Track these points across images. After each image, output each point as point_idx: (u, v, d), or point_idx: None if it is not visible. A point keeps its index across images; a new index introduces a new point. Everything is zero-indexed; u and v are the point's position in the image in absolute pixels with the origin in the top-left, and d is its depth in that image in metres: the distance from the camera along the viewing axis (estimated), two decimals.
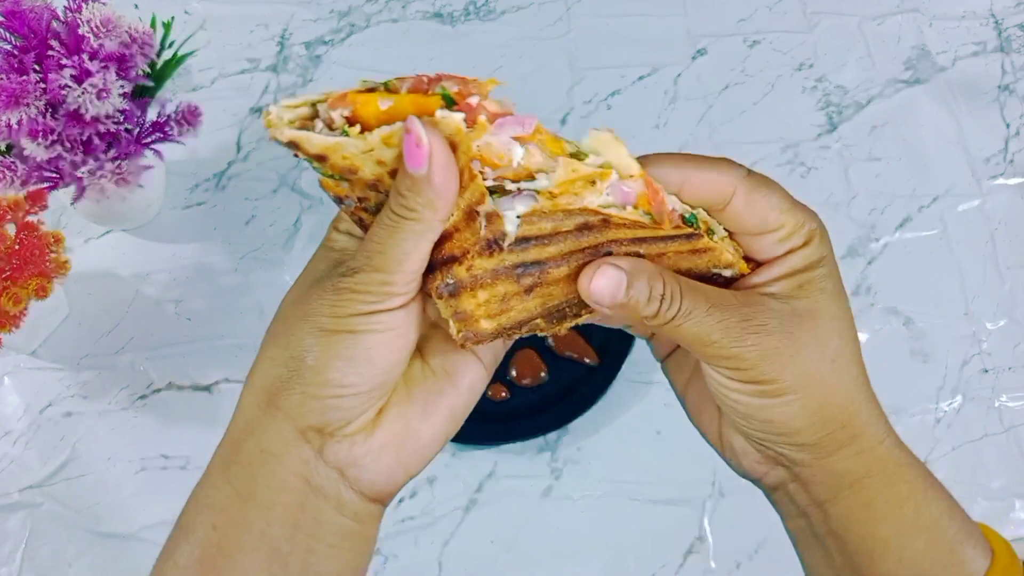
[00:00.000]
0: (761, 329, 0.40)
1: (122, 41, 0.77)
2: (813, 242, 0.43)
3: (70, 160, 0.77)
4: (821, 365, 0.41)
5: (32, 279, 0.77)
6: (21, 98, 0.73)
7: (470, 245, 0.38)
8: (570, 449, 0.88)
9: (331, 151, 0.38)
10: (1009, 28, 1.18)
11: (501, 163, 0.37)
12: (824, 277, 0.42)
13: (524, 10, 1.15)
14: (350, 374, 0.39)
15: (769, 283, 0.42)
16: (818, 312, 0.42)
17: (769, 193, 0.42)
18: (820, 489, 0.44)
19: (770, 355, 0.41)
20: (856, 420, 0.43)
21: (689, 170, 0.41)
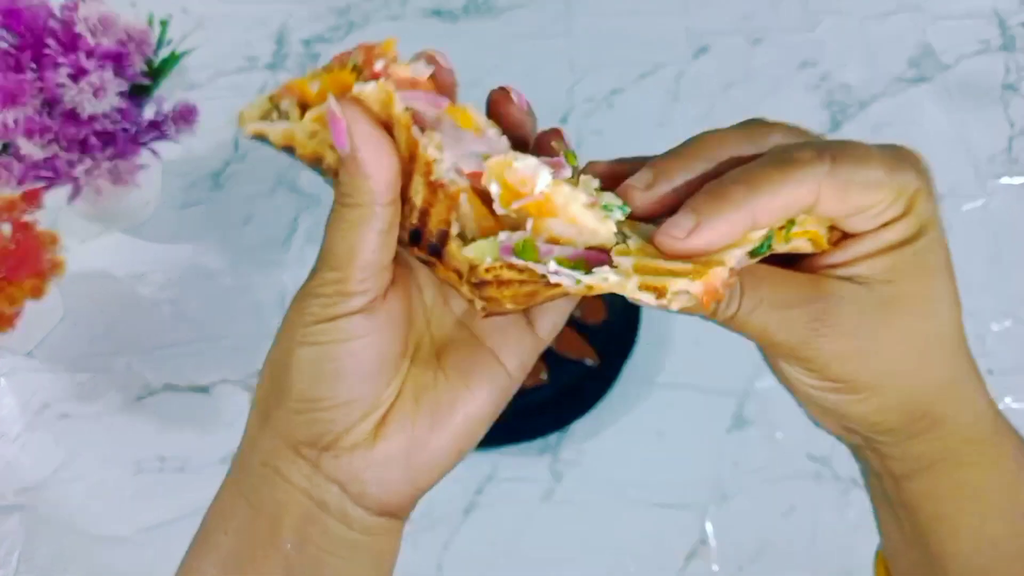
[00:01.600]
0: (833, 329, 0.35)
1: (119, 39, 0.77)
2: (915, 207, 0.35)
3: (66, 159, 0.77)
4: (907, 360, 0.37)
5: (27, 279, 0.77)
6: (17, 96, 0.73)
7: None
8: (571, 451, 0.87)
9: (289, 139, 0.37)
10: (1013, 27, 1.17)
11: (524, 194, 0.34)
12: (922, 251, 0.36)
13: (524, 8, 1.14)
14: (321, 388, 0.36)
15: (855, 262, 0.35)
16: (910, 298, 0.36)
17: (861, 175, 0.34)
18: (896, 464, 0.40)
19: (844, 356, 0.36)
20: (942, 408, 0.38)
21: (760, 200, 0.33)
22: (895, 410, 0.37)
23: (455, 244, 0.35)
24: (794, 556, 0.84)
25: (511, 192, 0.33)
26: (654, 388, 0.90)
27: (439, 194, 0.35)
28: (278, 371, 0.37)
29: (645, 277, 0.31)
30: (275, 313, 0.92)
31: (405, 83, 0.36)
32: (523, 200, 0.32)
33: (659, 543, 0.84)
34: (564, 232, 0.32)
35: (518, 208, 0.33)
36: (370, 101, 0.34)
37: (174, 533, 0.84)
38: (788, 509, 0.85)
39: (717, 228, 0.32)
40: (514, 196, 0.33)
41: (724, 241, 0.32)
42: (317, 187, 1.00)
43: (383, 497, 0.38)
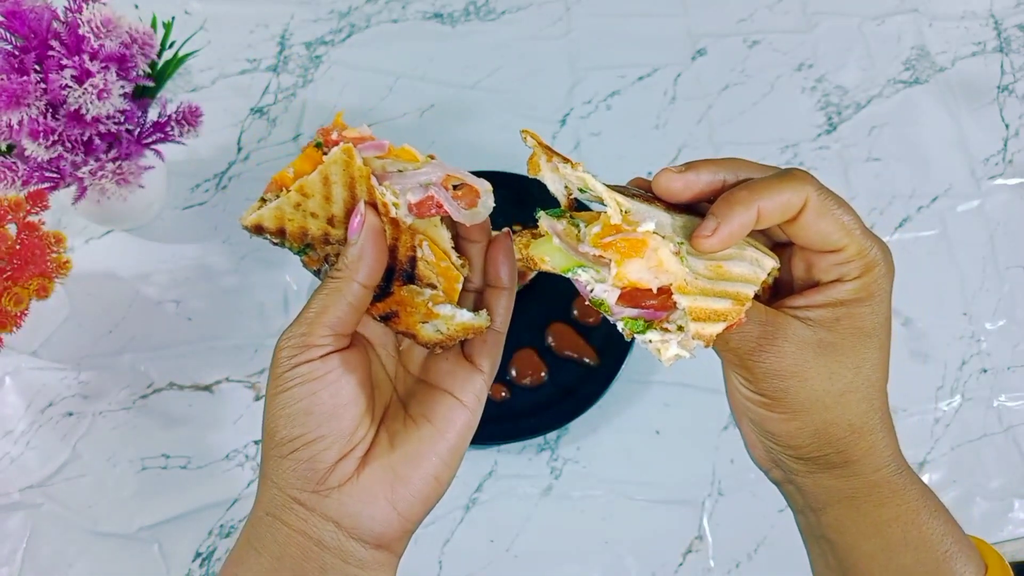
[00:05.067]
0: (774, 350, 0.42)
1: (123, 41, 0.77)
2: (867, 276, 0.43)
3: (71, 160, 0.77)
4: (827, 396, 0.43)
5: (33, 279, 0.77)
6: (22, 98, 0.73)
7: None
8: (570, 449, 0.88)
9: (279, 219, 0.46)
10: (1008, 28, 1.18)
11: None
12: (864, 315, 0.43)
13: (524, 10, 1.15)
14: (294, 427, 0.42)
15: (808, 308, 0.43)
16: (841, 348, 0.43)
17: (840, 212, 0.42)
18: (812, 498, 0.47)
19: (777, 375, 0.43)
20: (854, 449, 0.45)
21: (762, 201, 0.41)
22: (811, 437, 0.44)
23: (423, 264, 0.44)
24: (789, 552, 0.84)
25: (607, 228, 0.40)
26: (651, 387, 0.91)
27: (401, 227, 0.44)
28: (265, 424, 0.44)
29: (697, 323, 0.39)
30: (278, 313, 0.93)
31: (356, 140, 0.44)
32: (619, 236, 0.39)
33: (657, 539, 0.85)
34: (641, 274, 0.39)
35: (608, 243, 0.39)
36: (338, 164, 0.43)
37: (178, 530, 0.85)
38: (784, 505, 0.86)
39: (732, 224, 0.40)
40: (612, 231, 0.39)
41: (740, 234, 0.41)
42: None
43: (376, 529, 0.44)
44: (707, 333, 0.39)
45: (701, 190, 0.43)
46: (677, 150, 1.05)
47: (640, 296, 0.40)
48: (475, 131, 1.06)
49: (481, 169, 0.99)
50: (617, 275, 0.39)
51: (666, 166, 0.43)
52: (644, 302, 0.40)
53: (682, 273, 0.39)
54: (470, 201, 0.45)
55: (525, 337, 0.91)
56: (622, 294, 0.40)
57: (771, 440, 0.46)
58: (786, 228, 0.43)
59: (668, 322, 0.40)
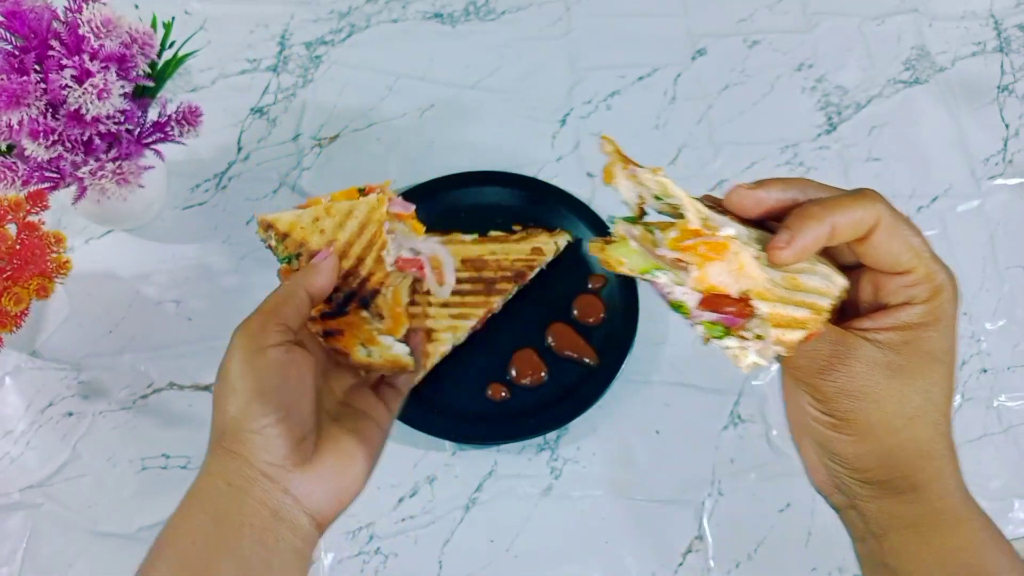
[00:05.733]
0: (845, 370, 0.43)
1: (122, 41, 0.77)
2: (935, 300, 0.43)
3: (71, 160, 0.77)
4: (896, 419, 0.43)
5: (33, 279, 0.77)
6: (22, 98, 0.73)
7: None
8: (570, 448, 0.88)
9: (293, 224, 0.57)
10: (1009, 28, 1.18)
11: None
12: (932, 339, 0.43)
13: (524, 10, 1.15)
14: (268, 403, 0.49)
15: (877, 330, 0.43)
16: (911, 371, 0.43)
17: (910, 234, 0.43)
18: (875, 524, 0.46)
19: (847, 395, 0.43)
20: (920, 474, 0.45)
21: (835, 217, 0.42)
22: (878, 461, 0.45)
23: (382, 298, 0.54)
24: (790, 552, 0.84)
25: (686, 232, 0.40)
26: (651, 387, 0.91)
27: (380, 266, 0.55)
28: (229, 400, 0.50)
29: (777, 329, 0.40)
30: None
31: (391, 198, 0.57)
32: (699, 239, 0.40)
33: (656, 539, 0.85)
34: (722, 278, 0.40)
35: (688, 246, 0.40)
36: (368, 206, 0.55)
37: None
38: (784, 506, 0.86)
39: (807, 237, 0.41)
40: (691, 235, 0.40)
41: (814, 248, 0.42)
42: (320, 188, 1.01)
43: (324, 510, 0.51)
44: (788, 339, 0.40)
45: (771, 206, 0.44)
46: (677, 150, 1.05)
47: (719, 301, 0.40)
48: (475, 131, 1.06)
49: (480, 169, 0.99)
50: (698, 278, 0.40)
51: (738, 183, 0.44)
52: (723, 307, 0.40)
53: (763, 278, 0.39)
54: (439, 278, 0.58)
55: (525, 337, 0.91)
56: (701, 299, 0.40)
57: (837, 463, 0.46)
58: (857, 247, 0.43)
59: (745, 329, 0.40)
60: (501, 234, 0.96)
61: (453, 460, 0.87)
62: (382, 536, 0.84)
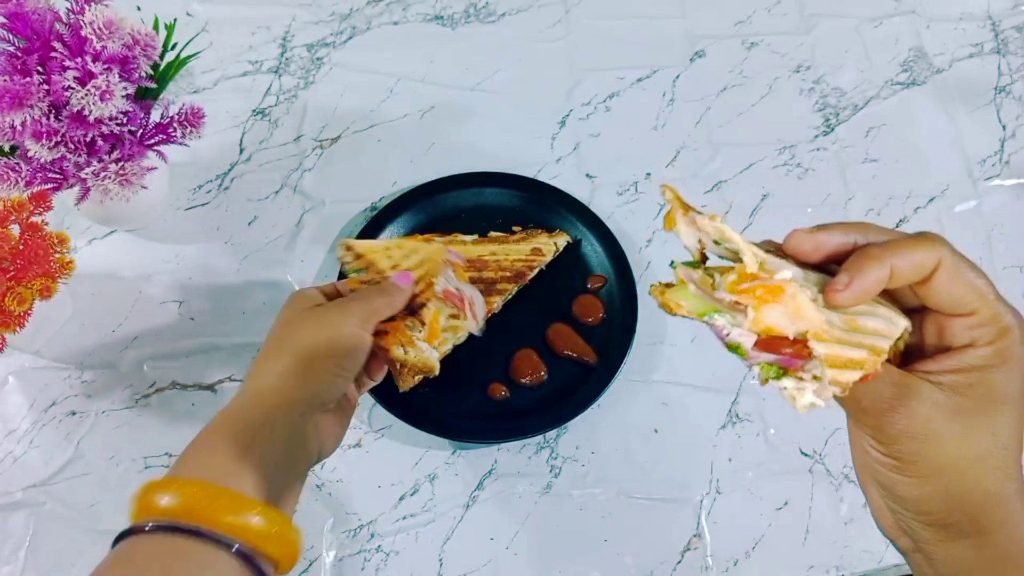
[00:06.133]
0: (906, 411, 0.42)
1: (125, 43, 0.77)
2: (1001, 342, 0.43)
3: (74, 161, 0.78)
4: (961, 462, 0.43)
5: (36, 279, 0.78)
6: (25, 100, 0.73)
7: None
8: (569, 447, 0.89)
9: (368, 250, 0.77)
10: (1006, 30, 1.19)
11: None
12: (998, 382, 0.43)
13: (524, 12, 1.16)
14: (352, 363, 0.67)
15: (941, 373, 0.43)
16: (976, 413, 0.42)
17: (973, 276, 0.43)
18: (941, 567, 0.46)
19: (910, 437, 0.42)
20: (988, 519, 0.44)
21: (895, 259, 0.42)
22: (942, 504, 0.44)
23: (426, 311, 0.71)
24: (787, 550, 0.85)
25: (744, 276, 0.41)
26: (650, 386, 0.92)
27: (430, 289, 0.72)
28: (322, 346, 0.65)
29: (833, 370, 0.40)
30: None
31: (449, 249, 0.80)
32: (757, 282, 0.41)
33: (655, 537, 0.85)
34: (779, 320, 0.40)
35: (745, 289, 0.41)
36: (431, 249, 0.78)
37: None
38: (782, 504, 0.87)
39: (866, 279, 0.41)
40: (748, 279, 0.41)
41: (873, 290, 0.42)
42: (320, 189, 1.01)
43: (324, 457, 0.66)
44: (844, 380, 0.40)
45: (832, 250, 0.44)
46: (675, 151, 1.06)
47: (776, 343, 0.40)
48: (475, 132, 1.06)
49: (480, 170, 1.00)
50: (755, 320, 0.40)
51: (797, 227, 0.44)
52: (780, 349, 0.41)
53: (819, 320, 0.40)
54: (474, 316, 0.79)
55: (525, 337, 0.91)
56: (758, 340, 0.41)
57: (901, 505, 0.46)
58: (918, 289, 0.43)
59: (803, 371, 0.41)
60: (501, 235, 0.96)
61: (453, 459, 0.88)
62: (383, 534, 0.84)
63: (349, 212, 1.00)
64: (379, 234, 0.95)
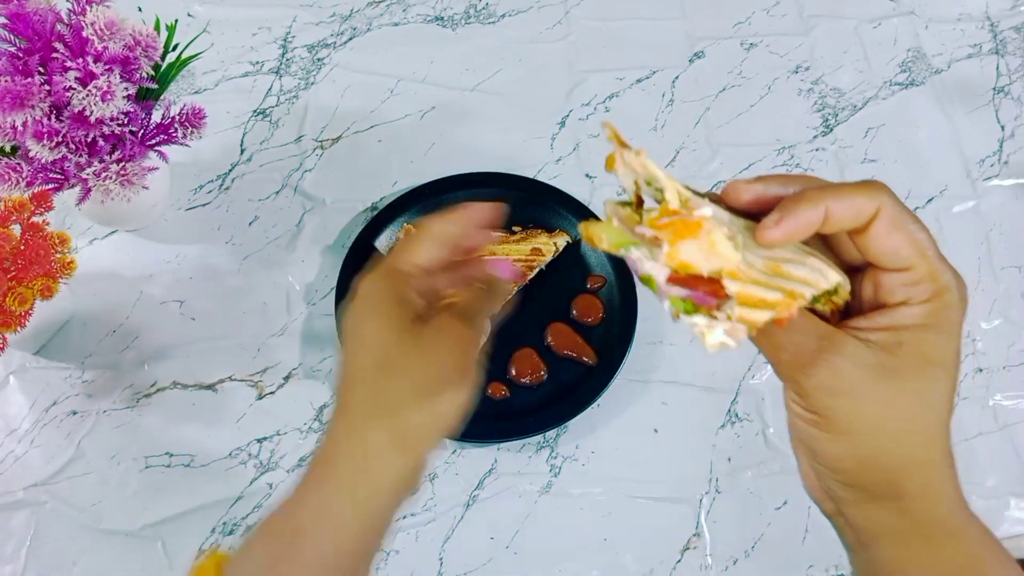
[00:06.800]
0: (827, 365, 0.40)
1: (126, 44, 0.77)
2: (936, 301, 0.40)
3: (75, 162, 0.78)
4: (882, 422, 0.41)
5: (37, 279, 0.78)
6: (26, 100, 0.74)
7: None
8: (569, 447, 0.89)
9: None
10: (1004, 30, 1.19)
11: None
12: (930, 343, 0.41)
13: (524, 13, 1.16)
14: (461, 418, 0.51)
15: (871, 330, 0.41)
16: (903, 374, 0.41)
17: (914, 229, 0.41)
18: (861, 532, 0.45)
19: (829, 392, 0.41)
20: (907, 482, 0.42)
21: (832, 201, 0.40)
22: (861, 463, 0.42)
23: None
24: (787, 549, 0.85)
25: (665, 212, 0.39)
26: (650, 385, 0.92)
27: None
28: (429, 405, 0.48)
29: (743, 308, 0.38)
30: (280, 313, 0.94)
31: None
32: (675, 217, 0.39)
33: (655, 536, 0.85)
34: (694, 256, 0.39)
35: (664, 224, 0.39)
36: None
37: (181, 528, 0.86)
38: (781, 503, 0.87)
39: (797, 218, 0.39)
40: (668, 214, 0.39)
41: (805, 231, 0.40)
42: (322, 189, 1.01)
43: None
44: (752, 319, 0.38)
45: (771, 201, 0.42)
46: (675, 152, 1.06)
47: (691, 281, 0.39)
48: (475, 133, 1.06)
49: (480, 170, 1.00)
50: (669, 254, 0.39)
51: (736, 178, 0.43)
52: (694, 286, 0.39)
53: (735, 259, 0.38)
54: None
55: (525, 337, 0.92)
56: (673, 276, 0.39)
57: (820, 462, 0.44)
58: (855, 239, 0.41)
59: (717, 310, 0.39)
60: (501, 235, 0.97)
61: (454, 458, 0.88)
62: None
63: (349, 212, 1.00)
64: (380, 234, 0.95)
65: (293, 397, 0.90)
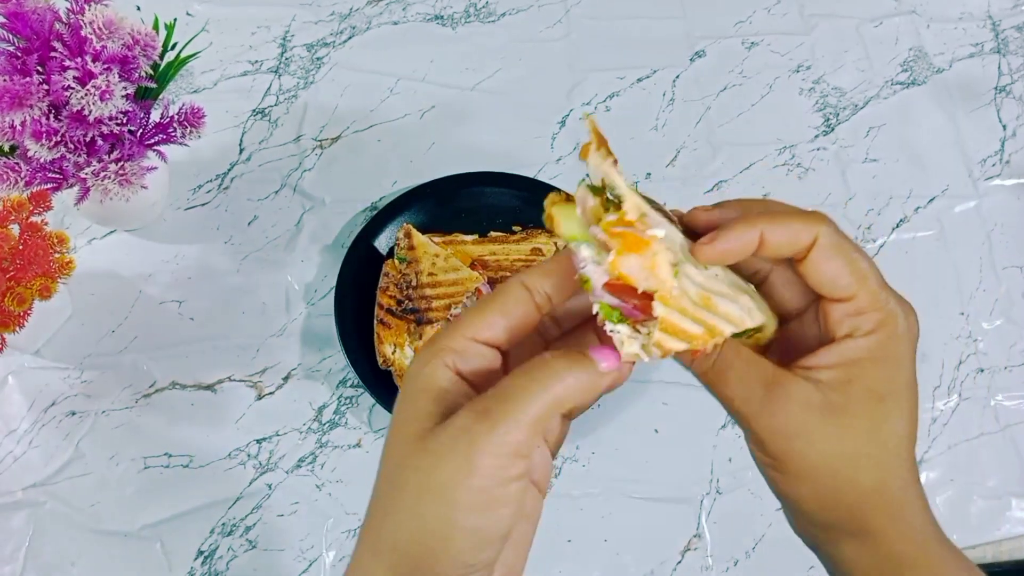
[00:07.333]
0: (777, 410, 0.40)
1: (125, 43, 0.77)
2: (881, 332, 0.40)
3: (73, 161, 0.78)
4: (835, 460, 0.40)
5: (36, 279, 0.78)
6: (24, 100, 0.73)
7: None
8: (569, 447, 0.89)
9: (422, 245, 0.85)
10: (1006, 30, 1.19)
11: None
12: (876, 378, 0.40)
13: (524, 12, 1.15)
14: (487, 551, 0.38)
15: (818, 368, 0.41)
16: (852, 411, 0.40)
17: (854, 257, 0.40)
18: (837, 567, 0.44)
19: (782, 436, 0.40)
20: (873, 518, 0.41)
21: (768, 226, 0.40)
22: (820, 504, 0.42)
23: (430, 327, 0.72)
24: (787, 550, 0.85)
25: (621, 221, 0.39)
26: (650, 386, 0.92)
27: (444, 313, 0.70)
28: (437, 533, 0.37)
29: (663, 334, 0.39)
30: (279, 313, 0.94)
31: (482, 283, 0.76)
32: (629, 229, 0.39)
33: (655, 537, 0.85)
34: (634, 270, 0.39)
35: (617, 232, 0.39)
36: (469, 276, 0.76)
37: (180, 529, 0.85)
38: None
39: (729, 239, 0.40)
40: (623, 224, 0.39)
41: (739, 252, 0.40)
42: (321, 189, 1.01)
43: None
44: (667, 346, 0.39)
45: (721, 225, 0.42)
46: (675, 151, 1.06)
47: (625, 291, 0.40)
48: (475, 132, 1.06)
49: (480, 170, 1.00)
50: (612, 263, 0.39)
51: (698, 206, 0.43)
52: (627, 299, 0.40)
53: (670, 284, 0.39)
54: None
55: None
56: (610, 283, 0.40)
57: (785, 504, 0.44)
58: (798, 267, 0.41)
59: (642, 325, 0.40)
60: (501, 235, 0.96)
61: None
62: None
63: (349, 212, 1.00)
64: (379, 234, 0.95)
65: (292, 397, 0.90)
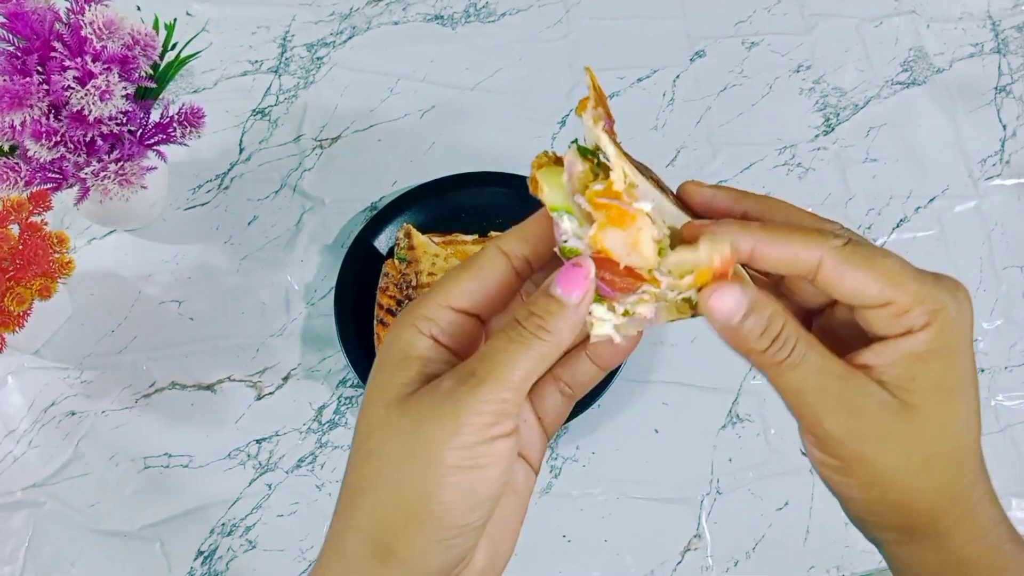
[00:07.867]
0: (854, 412, 0.38)
1: (125, 43, 0.77)
2: (936, 324, 0.37)
3: (73, 161, 0.78)
4: (906, 465, 0.38)
5: (36, 279, 0.78)
6: (24, 100, 0.73)
7: None
8: (569, 447, 0.88)
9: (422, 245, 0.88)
10: (1006, 30, 1.19)
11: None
12: (943, 371, 0.38)
13: (524, 12, 1.15)
14: (475, 512, 0.37)
15: (882, 367, 0.38)
16: (923, 410, 0.38)
17: (874, 264, 0.37)
18: (897, 566, 0.43)
19: (856, 440, 0.38)
20: (942, 518, 0.40)
21: (760, 242, 0.37)
22: (891, 508, 0.40)
23: None
24: (788, 550, 0.85)
25: (608, 191, 0.38)
26: (650, 386, 0.91)
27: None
28: (414, 498, 0.36)
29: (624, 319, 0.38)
30: (279, 313, 0.94)
31: None
32: (614, 201, 0.37)
33: (655, 538, 0.85)
34: (616, 245, 0.37)
35: (602, 204, 0.37)
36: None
37: (180, 529, 0.85)
38: (782, 504, 0.87)
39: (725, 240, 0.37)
40: (611, 195, 0.38)
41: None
42: (321, 189, 1.01)
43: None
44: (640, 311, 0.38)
45: (717, 210, 0.41)
46: (676, 151, 1.06)
47: (606, 265, 0.38)
48: (475, 132, 1.06)
49: (480, 169, 1.00)
50: (594, 236, 0.38)
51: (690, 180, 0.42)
52: (606, 275, 0.38)
53: (652, 262, 0.37)
54: None
55: None
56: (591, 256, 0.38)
57: (851, 508, 0.42)
58: (816, 286, 0.38)
59: (618, 302, 0.38)
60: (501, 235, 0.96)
61: None
62: None
63: (349, 212, 0.99)
64: (379, 234, 0.95)
65: (292, 397, 0.90)
